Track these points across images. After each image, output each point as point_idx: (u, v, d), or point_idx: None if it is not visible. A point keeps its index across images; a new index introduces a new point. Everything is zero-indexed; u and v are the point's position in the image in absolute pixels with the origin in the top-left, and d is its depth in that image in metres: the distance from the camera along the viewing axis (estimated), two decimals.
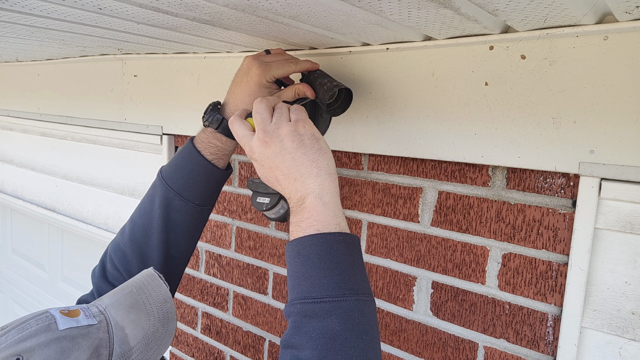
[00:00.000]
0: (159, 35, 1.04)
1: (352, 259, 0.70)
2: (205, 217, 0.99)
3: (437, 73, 0.90)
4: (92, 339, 0.69)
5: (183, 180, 0.93)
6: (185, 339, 1.57)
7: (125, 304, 0.76)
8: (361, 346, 0.65)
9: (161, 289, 0.81)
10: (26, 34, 1.12)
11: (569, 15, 0.69)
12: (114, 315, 0.74)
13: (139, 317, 0.75)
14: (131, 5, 0.75)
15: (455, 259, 0.96)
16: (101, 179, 1.87)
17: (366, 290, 0.70)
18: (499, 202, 0.90)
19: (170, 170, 0.95)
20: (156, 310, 0.78)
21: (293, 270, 0.71)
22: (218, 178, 0.96)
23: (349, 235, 0.71)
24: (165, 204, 0.93)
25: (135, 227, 0.96)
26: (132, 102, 1.56)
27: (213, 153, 0.93)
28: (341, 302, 0.66)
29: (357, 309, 0.66)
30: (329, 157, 0.76)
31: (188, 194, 0.93)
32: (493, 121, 0.85)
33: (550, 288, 0.85)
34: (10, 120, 2.24)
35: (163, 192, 0.94)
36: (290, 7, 0.72)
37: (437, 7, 0.67)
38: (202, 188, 0.94)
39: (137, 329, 0.74)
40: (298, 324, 0.66)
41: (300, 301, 0.68)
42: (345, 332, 0.64)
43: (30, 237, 2.54)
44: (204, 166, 0.93)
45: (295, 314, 0.68)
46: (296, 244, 0.71)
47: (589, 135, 0.75)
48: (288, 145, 0.74)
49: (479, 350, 0.94)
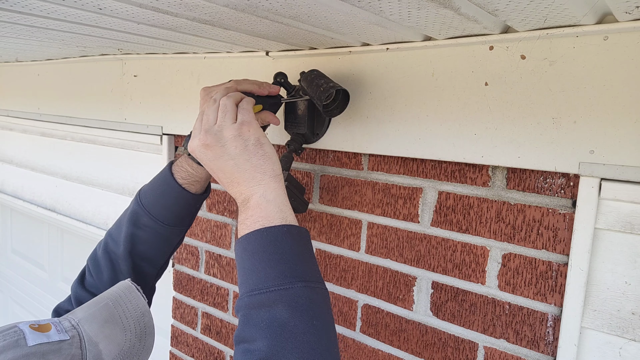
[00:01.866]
0: (159, 35, 1.04)
1: (298, 249, 0.70)
2: (178, 236, 1.01)
3: (437, 73, 0.90)
4: (63, 355, 0.66)
5: (154, 200, 0.95)
6: (185, 339, 1.57)
7: (100, 318, 0.73)
8: (312, 332, 0.64)
9: (139, 302, 0.78)
10: (26, 34, 1.12)
11: (569, 15, 0.69)
12: (88, 330, 0.70)
13: (114, 332, 0.72)
14: (131, 5, 0.75)
15: (455, 259, 0.96)
16: (101, 179, 1.87)
17: (315, 278, 0.70)
18: (499, 202, 0.90)
19: (146, 189, 0.98)
20: (133, 324, 0.75)
21: (241, 266, 0.71)
22: (189, 202, 0.96)
23: (295, 227, 0.72)
24: (133, 219, 0.95)
25: (109, 237, 0.98)
26: (132, 102, 1.56)
27: (184, 178, 0.94)
28: (287, 289, 0.66)
29: (304, 296, 0.66)
30: (273, 161, 0.76)
31: (157, 213, 0.95)
32: (493, 121, 0.85)
33: (550, 288, 0.85)
34: (10, 120, 2.24)
35: (134, 207, 0.96)
36: (290, 7, 0.72)
37: (437, 7, 0.67)
38: (172, 209, 0.95)
39: (111, 344, 0.71)
40: (247, 317, 0.66)
41: (247, 294, 0.67)
42: (294, 319, 0.63)
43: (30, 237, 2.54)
44: (174, 189, 0.94)
45: (243, 308, 0.67)
46: (242, 241, 0.71)
47: (589, 135, 0.75)
48: (231, 151, 0.74)
49: (479, 351, 0.94)
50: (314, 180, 1.18)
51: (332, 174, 1.14)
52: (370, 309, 1.10)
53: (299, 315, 0.64)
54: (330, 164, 1.15)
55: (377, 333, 1.09)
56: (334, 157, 1.14)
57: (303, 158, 1.20)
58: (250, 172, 0.74)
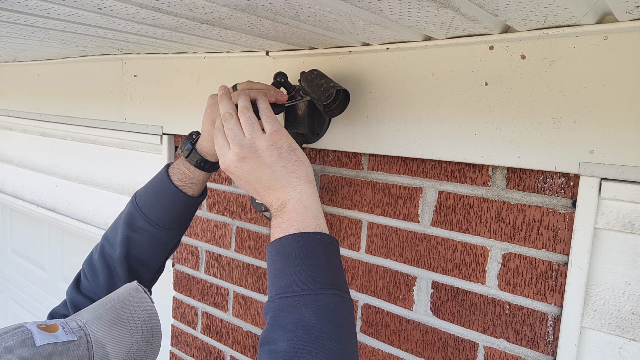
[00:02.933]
0: (159, 35, 1.04)
1: (329, 258, 0.71)
2: (174, 239, 1.00)
3: (437, 73, 0.90)
4: (70, 356, 0.65)
5: (151, 202, 0.95)
6: (185, 339, 1.57)
7: (107, 320, 0.72)
8: (336, 339, 0.65)
9: (146, 305, 0.78)
10: (26, 34, 1.12)
11: (569, 15, 0.69)
12: (95, 332, 0.70)
13: (122, 333, 0.72)
14: (131, 5, 0.75)
15: (455, 259, 0.96)
16: (101, 179, 1.87)
17: (343, 288, 0.71)
18: (499, 202, 0.90)
19: (142, 191, 0.98)
20: (140, 326, 0.75)
21: (272, 268, 0.72)
22: (186, 204, 0.96)
23: (328, 236, 0.73)
24: (129, 222, 0.95)
25: (105, 240, 0.98)
26: (132, 102, 1.56)
27: (181, 180, 0.94)
28: (318, 295, 0.67)
29: (333, 303, 0.67)
30: (307, 165, 0.77)
31: (153, 215, 0.95)
32: (493, 121, 0.85)
33: (550, 288, 0.85)
34: (10, 120, 2.24)
35: (130, 210, 0.96)
36: (290, 7, 0.72)
37: (437, 7, 0.67)
38: (168, 212, 0.95)
39: (119, 346, 0.70)
40: (275, 319, 0.67)
41: (278, 297, 0.68)
42: (320, 325, 0.64)
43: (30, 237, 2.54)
44: (170, 191, 0.94)
45: (273, 310, 0.68)
46: (276, 243, 0.73)
47: (589, 135, 0.75)
48: (267, 160, 0.75)
49: (479, 350, 0.94)
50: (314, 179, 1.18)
51: (332, 174, 1.15)
52: (370, 308, 1.10)
53: (326, 321, 0.65)
54: (330, 164, 1.15)
55: (377, 333, 1.09)
56: (334, 157, 1.14)
57: None
58: (286, 178, 0.75)
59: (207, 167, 0.94)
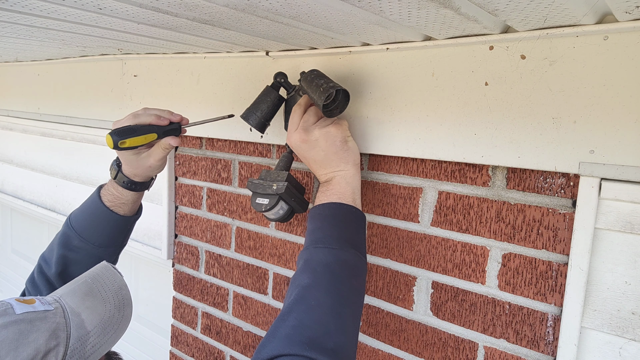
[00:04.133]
0: (159, 35, 1.04)
1: (358, 227, 0.88)
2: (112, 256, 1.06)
3: (437, 73, 0.90)
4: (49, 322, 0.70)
5: (84, 223, 1.01)
6: (185, 339, 1.57)
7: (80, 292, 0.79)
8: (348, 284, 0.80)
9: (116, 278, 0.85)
10: (26, 34, 1.12)
11: (569, 15, 0.69)
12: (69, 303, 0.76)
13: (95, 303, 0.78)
14: (131, 5, 0.75)
15: (455, 259, 0.96)
16: (101, 179, 1.87)
17: (364, 252, 0.88)
18: (499, 202, 0.90)
19: (77, 212, 1.03)
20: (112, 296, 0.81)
21: (312, 226, 0.88)
22: (118, 223, 1.02)
23: (359, 211, 0.90)
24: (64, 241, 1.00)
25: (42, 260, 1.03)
26: (132, 102, 1.56)
27: (111, 200, 1.01)
28: (343, 251, 0.82)
29: (354, 261, 0.83)
30: (355, 153, 0.94)
31: (88, 235, 1.00)
32: (493, 121, 0.85)
33: (550, 288, 0.85)
34: (10, 120, 2.24)
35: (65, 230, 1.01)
36: (290, 7, 0.72)
37: (437, 7, 0.67)
38: (102, 231, 1.01)
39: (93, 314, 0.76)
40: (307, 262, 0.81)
41: (312, 246, 0.83)
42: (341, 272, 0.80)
43: (30, 237, 2.54)
44: (102, 211, 1.01)
45: (306, 254, 0.83)
46: (317, 207, 0.89)
47: (589, 135, 0.75)
48: (322, 145, 0.92)
49: (479, 350, 0.94)
50: (314, 180, 1.18)
51: None
52: (370, 308, 1.10)
53: (346, 271, 0.80)
54: None
55: (377, 333, 1.09)
56: None
57: None
58: (336, 161, 0.92)
59: (136, 187, 1.02)
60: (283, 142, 1.18)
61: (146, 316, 1.88)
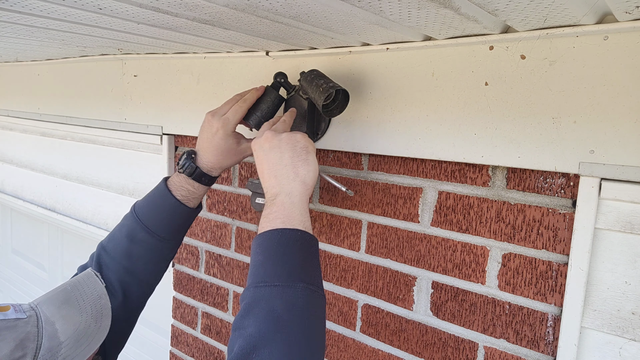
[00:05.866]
0: (159, 35, 1.04)
1: (307, 255, 0.77)
2: (171, 252, 1.05)
3: (437, 73, 0.90)
4: (18, 332, 0.69)
5: (153, 216, 1.00)
6: (185, 339, 1.57)
7: (57, 301, 0.77)
8: (301, 330, 0.69)
9: (96, 286, 0.83)
10: (26, 34, 1.12)
11: (569, 15, 0.69)
12: (45, 311, 0.74)
13: (71, 312, 0.76)
14: (131, 5, 0.75)
15: (455, 259, 0.96)
16: (101, 179, 1.87)
17: (316, 283, 0.75)
18: (499, 202, 0.90)
19: (142, 205, 1.02)
20: (89, 306, 0.79)
21: (253, 259, 0.78)
22: (185, 216, 1.02)
23: (307, 234, 0.78)
24: (131, 234, 0.99)
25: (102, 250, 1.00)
26: (132, 102, 1.56)
27: (184, 195, 1.00)
28: (289, 287, 0.72)
29: (303, 297, 0.71)
30: (311, 169, 0.84)
31: (154, 227, 0.99)
32: (493, 121, 0.85)
33: (550, 288, 0.85)
34: (10, 120, 2.24)
35: (131, 223, 1.00)
36: (290, 7, 0.72)
37: (437, 7, 0.67)
38: (170, 224, 1.00)
39: (67, 324, 0.74)
40: (248, 306, 0.71)
41: (253, 286, 0.73)
42: (288, 315, 0.69)
43: (30, 237, 2.54)
44: (174, 206, 0.99)
45: (247, 297, 0.72)
46: (258, 237, 0.79)
47: (589, 135, 0.75)
48: (283, 146, 0.84)
49: (479, 350, 0.94)
50: None
51: (332, 174, 1.14)
52: (370, 308, 1.10)
53: (294, 312, 0.69)
54: (330, 164, 1.15)
55: (377, 333, 1.09)
56: (334, 157, 1.14)
57: None
58: (288, 168, 0.83)
59: (209, 181, 1.02)
60: None
61: (146, 316, 1.87)
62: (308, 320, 0.70)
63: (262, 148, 0.87)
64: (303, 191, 0.82)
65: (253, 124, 1.04)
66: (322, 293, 0.75)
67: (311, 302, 0.72)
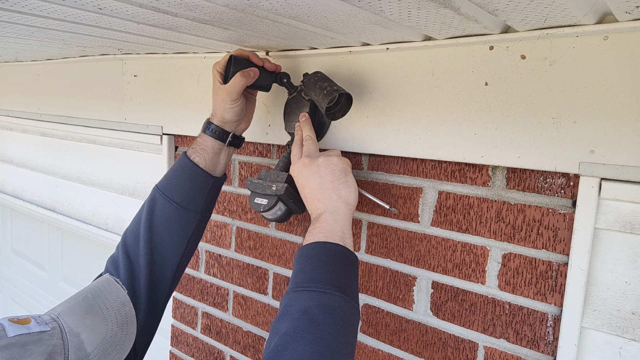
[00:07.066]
0: (159, 35, 1.04)
1: (345, 268, 0.80)
2: (192, 223, 1.01)
3: (437, 73, 0.90)
4: (44, 345, 0.66)
5: (169, 181, 1.01)
6: (185, 339, 1.57)
7: (80, 310, 0.74)
8: (332, 333, 0.70)
9: (119, 293, 0.80)
10: (26, 34, 1.12)
11: (569, 15, 0.69)
12: (68, 322, 0.72)
13: (95, 322, 0.74)
14: (131, 5, 0.75)
15: (455, 259, 0.96)
16: (101, 179, 1.87)
17: (352, 295, 0.78)
18: (499, 202, 0.90)
19: (164, 175, 1.03)
20: (114, 314, 0.77)
21: (296, 267, 0.81)
22: (201, 180, 1.00)
23: (348, 250, 0.82)
24: (150, 206, 0.99)
25: (126, 235, 1.00)
26: (132, 102, 1.56)
27: (196, 150, 1.00)
28: (326, 293, 0.74)
29: (338, 305, 0.74)
30: (352, 190, 0.88)
31: (171, 192, 0.99)
32: (493, 121, 0.85)
33: (550, 288, 0.85)
34: (10, 120, 2.24)
35: (152, 194, 1.00)
36: (290, 7, 0.72)
37: (437, 7, 0.67)
38: (184, 187, 0.99)
39: (93, 334, 0.72)
40: (286, 307, 0.74)
41: (293, 290, 0.77)
42: (323, 318, 0.71)
43: (30, 237, 2.54)
44: (186, 165, 1.00)
45: (286, 300, 0.76)
46: (302, 248, 0.82)
47: (589, 135, 0.75)
48: (322, 171, 0.88)
49: (479, 350, 0.94)
50: None
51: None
52: (370, 308, 1.10)
53: (328, 316, 0.71)
54: None
55: (377, 333, 1.09)
56: None
57: None
58: (330, 191, 0.87)
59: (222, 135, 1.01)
60: (283, 142, 1.18)
61: None
62: (341, 324, 0.72)
63: (301, 174, 0.91)
64: (346, 211, 0.86)
65: None
66: (357, 306, 0.78)
67: (345, 311, 0.74)
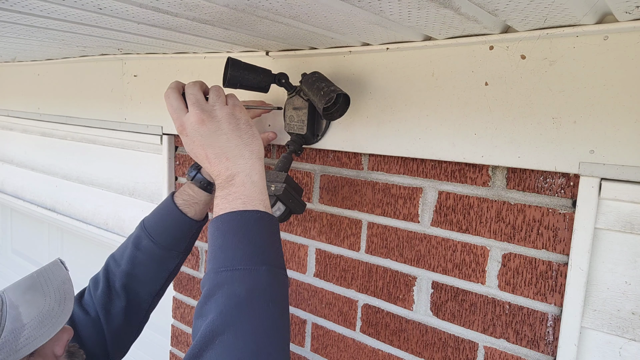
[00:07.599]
0: (159, 35, 1.04)
1: (267, 236, 0.75)
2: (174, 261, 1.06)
3: (437, 73, 0.90)
4: None
5: (154, 223, 1.04)
6: (185, 339, 1.57)
7: (23, 286, 0.83)
8: (264, 314, 0.67)
9: (61, 272, 0.88)
10: (26, 34, 1.12)
11: (569, 15, 0.69)
12: (10, 296, 0.80)
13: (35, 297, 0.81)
14: (131, 5, 0.75)
15: (455, 259, 0.96)
16: (101, 179, 1.87)
17: (278, 264, 0.74)
18: (499, 202, 0.90)
19: (150, 214, 1.06)
20: (53, 291, 0.84)
21: (212, 244, 0.75)
22: (184, 225, 1.03)
23: (269, 215, 0.77)
24: (136, 242, 1.03)
25: (112, 259, 1.06)
26: (132, 102, 1.56)
27: (185, 200, 1.03)
28: (251, 271, 0.70)
29: (265, 280, 0.70)
30: (259, 143, 0.81)
31: (155, 234, 1.02)
32: (493, 121, 0.85)
33: (550, 288, 0.85)
34: (10, 120, 2.24)
35: (138, 232, 1.04)
36: (290, 7, 0.72)
37: (437, 7, 0.67)
38: (169, 232, 1.03)
39: (31, 307, 0.79)
40: (209, 292, 0.69)
41: (213, 271, 0.71)
42: (250, 299, 0.67)
43: (30, 237, 2.54)
44: (171, 210, 1.03)
45: (208, 283, 0.70)
46: (216, 220, 0.75)
47: (589, 135, 0.75)
48: (224, 127, 0.78)
49: (479, 350, 0.94)
50: (314, 180, 1.18)
51: (332, 174, 1.15)
52: (370, 308, 1.10)
53: (257, 296, 0.68)
54: (330, 164, 1.15)
55: (377, 333, 1.09)
56: (334, 157, 1.14)
57: (303, 158, 1.20)
58: (240, 148, 0.78)
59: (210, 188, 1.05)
60: (283, 142, 1.18)
61: None
62: (271, 303, 0.68)
63: (199, 133, 0.78)
64: (260, 168, 0.79)
65: None
66: (284, 273, 0.75)
67: (274, 284, 0.71)
